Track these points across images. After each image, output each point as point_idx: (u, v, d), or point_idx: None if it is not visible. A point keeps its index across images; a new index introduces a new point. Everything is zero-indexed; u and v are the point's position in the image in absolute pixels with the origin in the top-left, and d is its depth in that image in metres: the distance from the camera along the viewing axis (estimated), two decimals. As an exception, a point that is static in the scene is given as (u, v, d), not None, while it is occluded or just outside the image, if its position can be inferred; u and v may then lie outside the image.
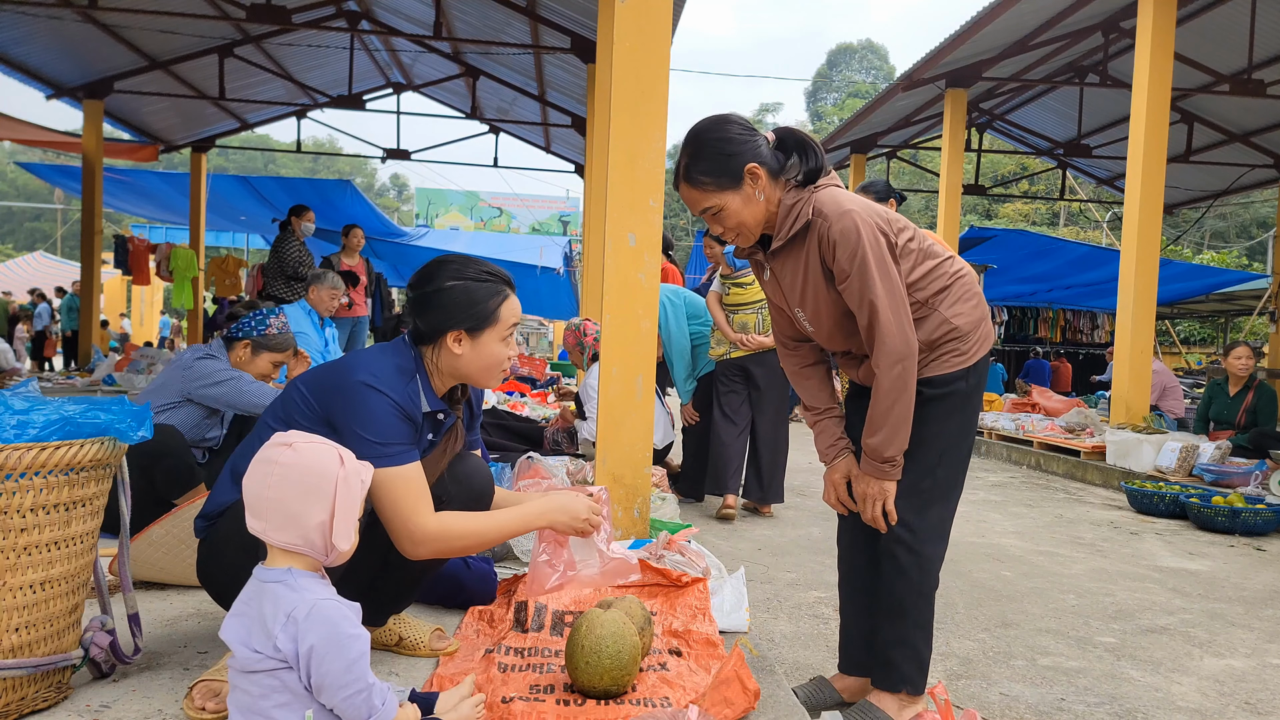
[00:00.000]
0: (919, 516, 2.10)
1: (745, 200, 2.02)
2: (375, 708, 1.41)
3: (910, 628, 2.11)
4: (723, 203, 2.02)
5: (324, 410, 1.81)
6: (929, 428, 2.09)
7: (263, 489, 1.44)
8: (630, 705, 1.80)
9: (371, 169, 55.76)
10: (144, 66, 11.48)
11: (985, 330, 2.16)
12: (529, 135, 14.66)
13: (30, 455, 1.58)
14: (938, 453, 2.11)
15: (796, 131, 2.10)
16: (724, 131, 2.02)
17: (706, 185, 2.02)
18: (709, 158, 2.01)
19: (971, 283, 2.17)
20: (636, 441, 3.17)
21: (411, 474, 1.80)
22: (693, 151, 2.03)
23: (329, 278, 5.80)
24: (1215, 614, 3.50)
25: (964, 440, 2.16)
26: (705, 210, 2.06)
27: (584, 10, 8.61)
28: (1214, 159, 13.17)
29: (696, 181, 2.03)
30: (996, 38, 9.90)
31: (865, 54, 55.13)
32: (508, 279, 2.00)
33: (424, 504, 1.81)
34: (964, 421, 2.14)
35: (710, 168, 2.01)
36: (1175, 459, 6.49)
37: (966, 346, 2.11)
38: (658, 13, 3.17)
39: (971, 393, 2.13)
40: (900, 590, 2.11)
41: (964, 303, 2.12)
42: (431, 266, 1.98)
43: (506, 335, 1.96)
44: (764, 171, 2.01)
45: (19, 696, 1.64)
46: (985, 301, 2.19)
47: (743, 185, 2.01)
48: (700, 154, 2.02)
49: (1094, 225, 28.67)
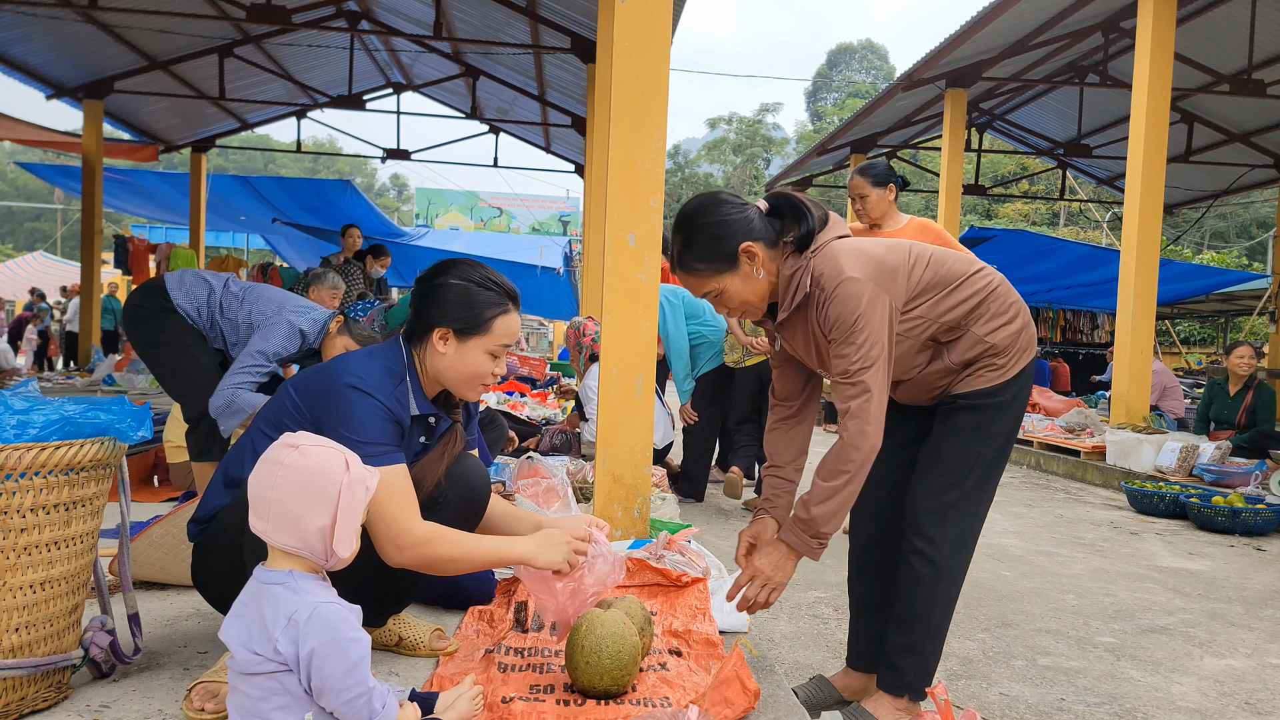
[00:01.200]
0: (940, 528, 2.04)
1: (744, 280, 1.96)
2: (376, 711, 1.41)
3: (921, 637, 2.07)
4: (722, 285, 1.97)
5: (312, 414, 1.80)
6: (958, 439, 2.04)
7: (266, 490, 1.43)
8: (630, 705, 1.80)
9: (371, 169, 55.79)
10: (144, 66, 11.48)
11: (1025, 341, 2.06)
12: (529, 135, 14.67)
13: (30, 455, 1.58)
14: (968, 465, 2.04)
15: (788, 195, 2.03)
16: (713, 214, 1.95)
17: (703, 271, 1.96)
18: (701, 244, 1.95)
19: (1005, 294, 2.06)
20: (636, 441, 3.17)
21: (396, 477, 1.74)
22: (685, 238, 1.97)
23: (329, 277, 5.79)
24: (1215, 614, 3.50)
25: (997, 451, 2.08)
26: (706, 294, 2.01)
27: (584, 10, 8.61)
28: (1214, 159, 13.17)
29: (692, 269, 1.98)
30: (996, 38, 9.90)
31: (865, 54, 55.17)
32: (514, 295, 1.94)
33: (410, 508, 1.75)
34: (998, 433, 2.06)
35: (704, 254, 1.95)
36: (1175, 459, 6.49)
37: (1003, 361, 2.03)
38: (658, 13, 3.16)
39: (1008, 404, 2.05)
40: (915, 599, 2.06)
41: (998, 318, 2.02)
42: (444, 263, 1.95)
43: (496, 350, 1.89)
44: (759, 247, 1.95)
45: (19, 696, 1.64)
46: (1024, 307, 2.10)
47: (739, 266, 1.95)
48: (692, 240, 1.96)
49: (1094, 225, 28.67)
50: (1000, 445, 2.08)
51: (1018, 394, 2.06)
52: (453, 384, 1.92)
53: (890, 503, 2.19)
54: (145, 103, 12.68)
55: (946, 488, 2.05)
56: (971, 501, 2.07)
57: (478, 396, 1.96)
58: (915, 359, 2.04)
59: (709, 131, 50.26)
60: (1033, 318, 11.21)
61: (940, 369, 2.06)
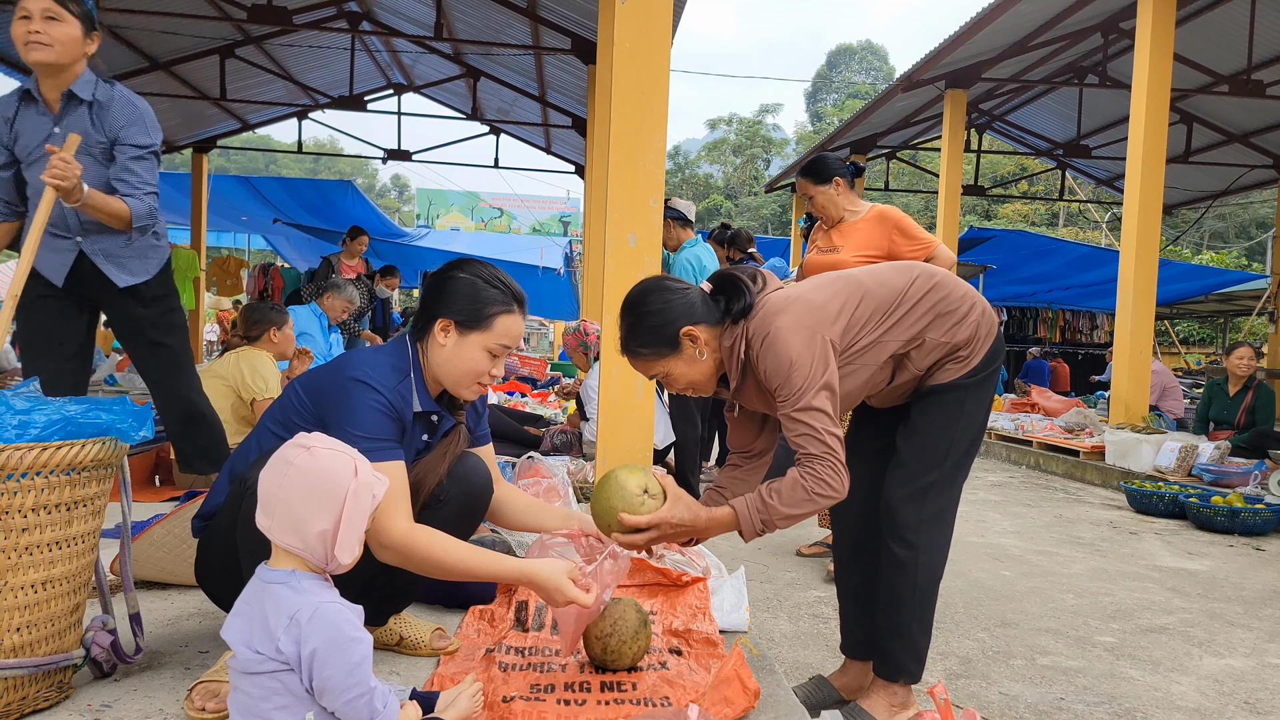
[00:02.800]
0: (918, 510, 2.09)
1: (689, 362, 2.01)
2: (377, 711, 1.41)
3: (906, 620, 2.12)
4: (666, 368, 2.03)
5: (317, 409, 1.81)
6: (933, 425, 2.09)
7: (275, 488, 1.44)
8: (630, 705, 1.81)
9: (372, 170, 55.81)
10: (145, 67, 11.48)
11: (985, 327, 2.09)
12: (529, 136, 14.66)
13: (31, 455, 1.58)
14: (944, 449, 2.10)
15: (729, 275, 2.06)
16: (655, 302, 2.00)
17: (646, 356, 2.02)
18: (644, 330, 2.00)
19: (952, 290, 2.08)
20: (636, 441, 3.17)
21: (391, 473, 1.73)
22: (629, 325, 2.03)
23: (348, 290, 6.00)
24: (1214, 614, 3.50)
25: (972, 427, 2.13)
26: (653, 376, 2.07)
27: (584, 11, 8.62)
28: (1213, 159, 13.18)
29: (636, 354, 2.03)
30: (996, 38, 9.90)
31: (865, 55, 55.19)
32: (520, 298, 1.94)
33: (398, 505, 1.74)
34: (971, 410, 2.11)
35: (647, 339, 2.00)
36: (1174, 459, 6.49)
37: (967, 352, 2.08)
38: (658, 14, 3.17)
39: (979, 384, 2.10)
40: (896, 583, 2.11)
41: (950, 317, 2.06)
42: (456, 260, 1.97)
43: (495, 349, 1.89)
44: (701, 329, 1.99)
45: (20, 696, 1.65)
46: (972, 291, 2.12)
47: (682, 349, 2.00)
48: (636, 327, 2.01)
49: (1093, 226, 28.67)
50: (976, 424, 2.13)
51: (989, 373, 2.11)
52: (449, 379, 1.91)
53: (870, 490, 2.23)
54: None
55: (922, 472, 2.10)
56: (948, 479, 2.13)
57: (475, 396, 1.95)
58: (879, 376, 2.08)
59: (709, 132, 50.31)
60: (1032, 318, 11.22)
61: (907, 378, 2.10)
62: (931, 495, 2.10)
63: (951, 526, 2.18)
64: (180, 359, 3.18)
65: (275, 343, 4.37)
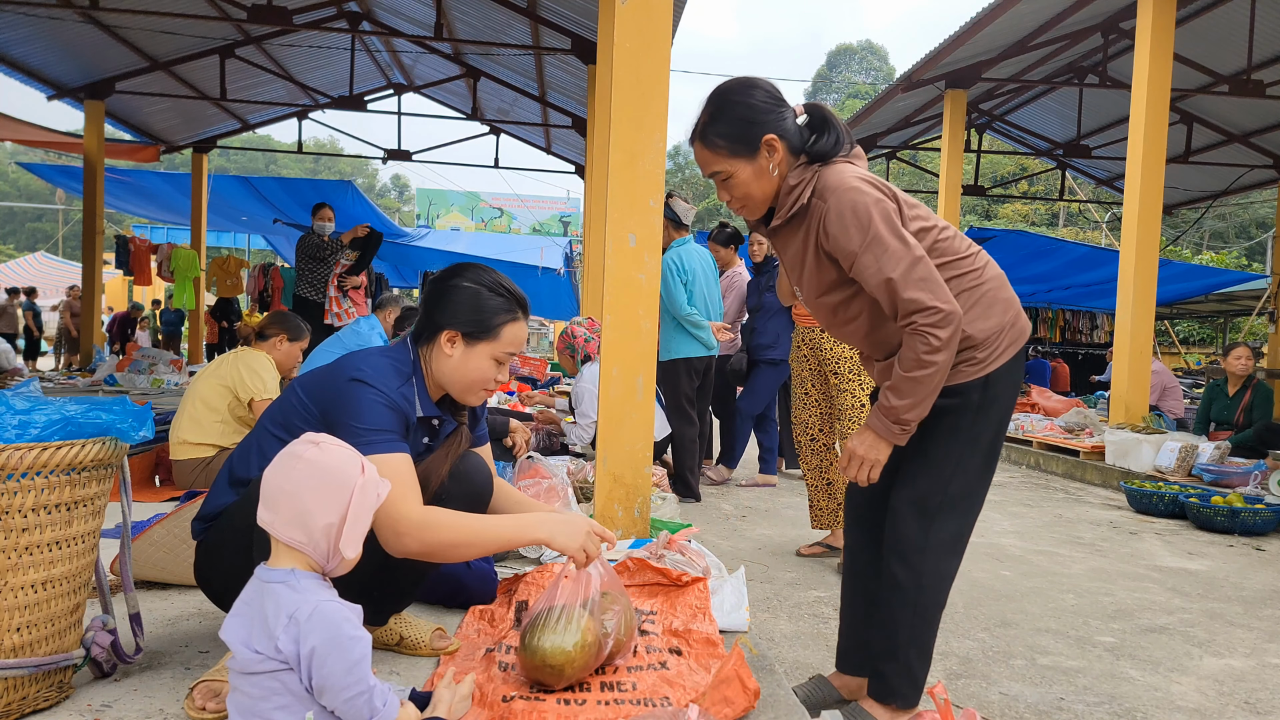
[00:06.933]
0: (923, 533, 1.99)
1: (757, 173, 1.93)
2: (376, 709, 1.41)
3: (903, 644, 2.02)
4: (733, 170, 1.94)
5: (319, 409, 1.81)
6: (939, 442, 1.99)
7: (282, 481, 1.44)
8: (630, 705, 1.81)
9: (372, 170, 55.82)
10: (145, 67, 11.49)
11: (1012, 336, 2.00)
12: (530, 136, 14.67)
13: (32, 455, 1.59)
14: (950, 469, 1.99)
15: (823, 108, 1.99)
16: (749, 96, 1.91)
17: (720, 149, 1.93)
18: (728, 121, 1.91)
19: (995, 287, 2.01)
20: (637, 441, 3.17)
21: (399, 463, 1.74)
22: (713, 111, 1.93)
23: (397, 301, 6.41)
24: (1214, 614, 3.50)
25: (982, 450, 2.01)
26: (714, 174, 1.97)
27: (584, 11, 8.62)
28: (1213, 159, 13.17)
29: (711, 143, 1.94)
30: (996, 38, 9.90)
31: (865, 55, 55.18)
32: (524, 303, 1.95)
33: (410, 494, 1.75)
34: (980, 436, 1.99)
35: (728, 131, 1.91)
36: (1174, 459, 6.49)
37: (983, 355, 1.96)
38: (658, 14, 3.17)
39: (989, 405, 1.98)
40: (894, 606, 2.02)
41: (979, 307, 1.97)
42: (458, 265, 1.97)
43: (501, 357, 1.90)
44: (782, 145, 1.91)
45: (20, 696, 1.65)
46: (1013, 299, 2.04)
47: (758, 156, 1.91)
48: (720, 115, 1.92)
49: (1093, 226, 28.67)
50: (985, 451, 2.02)
51: (999, 394, 2.00)
52: (455, 387, 1.93)
53: (879, 506, 2.16)
54: (146, 103, 12.69)
55: (928, 492, 2.00)
56: (956, 503, 2.01)
57: (479, 402, 1.98)
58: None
59: (709, 132, 50.16)
60: (1032, 318, 11.23)
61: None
62: (940, 519, 2.00)
63: (961, 555, 2.06)
64: None
65: (279, 349, 4.36)
